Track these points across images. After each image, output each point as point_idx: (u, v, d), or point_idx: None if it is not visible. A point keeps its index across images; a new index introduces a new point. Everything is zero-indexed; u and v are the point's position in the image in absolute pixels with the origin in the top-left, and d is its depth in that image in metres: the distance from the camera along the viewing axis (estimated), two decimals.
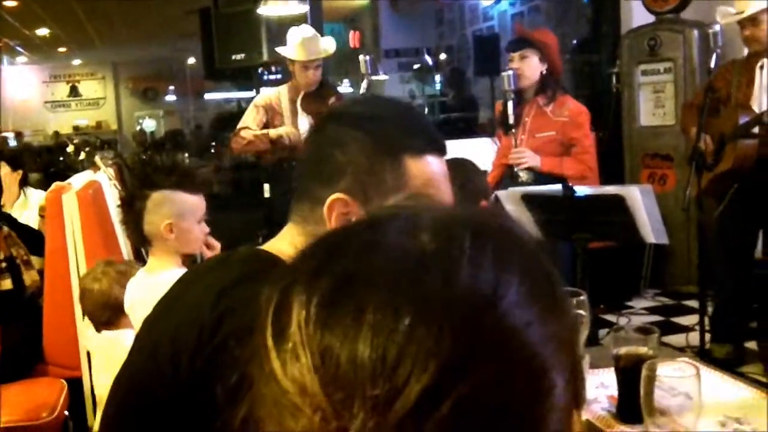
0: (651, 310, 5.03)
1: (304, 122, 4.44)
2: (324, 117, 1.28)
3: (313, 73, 4.42)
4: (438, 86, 10.91)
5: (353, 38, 12.71)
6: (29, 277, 3.61)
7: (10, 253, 3.57)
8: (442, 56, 10.97)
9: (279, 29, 5.02)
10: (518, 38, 3.96)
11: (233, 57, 4.89)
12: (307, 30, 4.43)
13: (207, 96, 17.43)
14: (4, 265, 3.52)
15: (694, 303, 4.59)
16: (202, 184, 2.44)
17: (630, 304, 5.14)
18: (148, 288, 2.45)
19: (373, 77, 4.17)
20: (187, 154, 11.43)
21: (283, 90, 4.59)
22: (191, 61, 16.84)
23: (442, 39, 10.86)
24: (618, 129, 5.71)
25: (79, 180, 4.10)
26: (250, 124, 4.52)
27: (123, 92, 18.30)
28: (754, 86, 3.98)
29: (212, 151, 11.60)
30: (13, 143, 15.85)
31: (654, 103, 5.54)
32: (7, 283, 3.52)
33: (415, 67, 10.51)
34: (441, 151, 1.21)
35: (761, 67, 3.97)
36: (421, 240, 0.52)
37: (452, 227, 0.53)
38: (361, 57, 3.94)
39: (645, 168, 5.56)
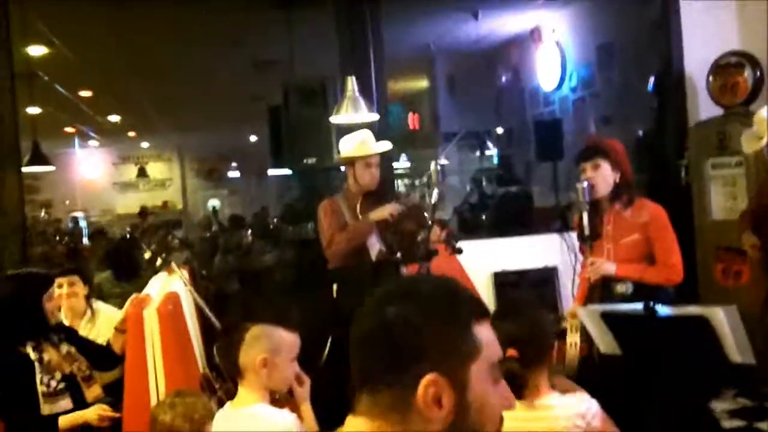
0: (732, 414, 4.85)
1: None
2: (380, 301, 1.27)
3: (376, 171, 4.48)
4: (495, 160, 11.01)
5: (412, 120, 12.89)
6: (91, 393, 3.56)
7: (70, 371, 3.53)
8: (499, 130, 11.08)
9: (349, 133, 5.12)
10: (588, 147, 3.96)
11: (304, 161, 4.99)
12: (365, 131, 4.50)
13: (270, 172, 17.71)
14: (62, 385, 3.46)
15: None
16: (300, 323, 2.46)
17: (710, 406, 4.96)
18: (232, 421, 2.47)
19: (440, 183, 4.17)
20: (250, 236, 11.56)
21: (339, 199, 4.59)
22: (253, 138, 17.24)
23: (501, 122, 10.94)
24: (689, 222, 5.62)
25: (156, 288, 4.18)
26: (336, 230, 4.49)
27: (188, 173, 18.81)
28: None
29: (274, 233, 11.69)
30: (83, 223, 16.39)
31: (726, 197, 5.46)
32: (66, 404, 3.45)
33: (477, 153, 10.61)
34: (488, 313, 1.29)
35: None
36: None
37: None
38: (432, 166, 3.95)
39: (719, 262, 5.44)
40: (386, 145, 4.55)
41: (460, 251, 4.05)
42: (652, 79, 6.46)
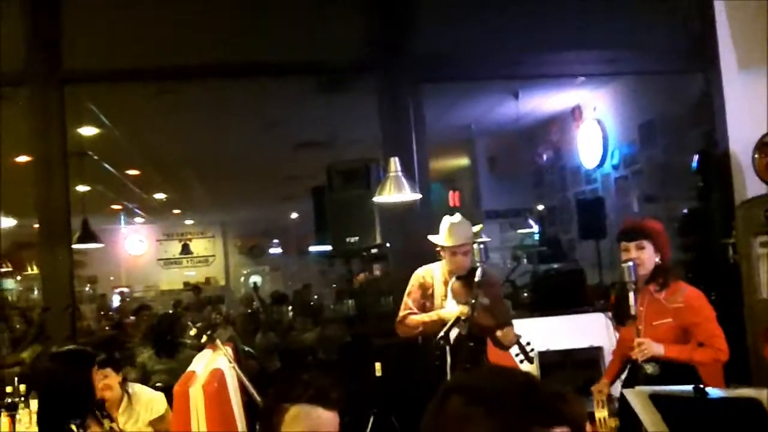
0: None
1: (452, 305, 4.43)
2: (447, 389, 1.25)
3: (462, 259, 4.40)
4: (536, 236, 10.96)
5: (452, 197, 12.95)
6: None
7: None
8: (540, 207, 11.07)
9: (391, 213, 5.18)
10: (632, 228, 3.94)
11: (347, 239, 5.05)
12: (455, 217, 4.48)
13: (312, 248, 17.84)
14: None
15: None
16: (339, 401, 2.45)
17: None
18: None
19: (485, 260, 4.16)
20: (291, 312, 11.58)
21: (436, 268, 4.60)
22: (294, 215, 17.43)
23: (542, 200, 10.94)
24: (738, 301, 5.52)
25: (201, 365, 4.20)
26: (413, 307, 4.51)
27: (231, 249, 19.05)
28: None
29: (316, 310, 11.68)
30: (128, 298, 16.61)
31: None
32: None
33: (519, 231, 10.59)
34: (565, 422, 1.20)
35: None
36: None
37: None
38: (475, 246, 3.98)
39: None
40: (466, 235, 4.38)
41: (531, 361, 4.08)
42: (696, 157, 6.43)
